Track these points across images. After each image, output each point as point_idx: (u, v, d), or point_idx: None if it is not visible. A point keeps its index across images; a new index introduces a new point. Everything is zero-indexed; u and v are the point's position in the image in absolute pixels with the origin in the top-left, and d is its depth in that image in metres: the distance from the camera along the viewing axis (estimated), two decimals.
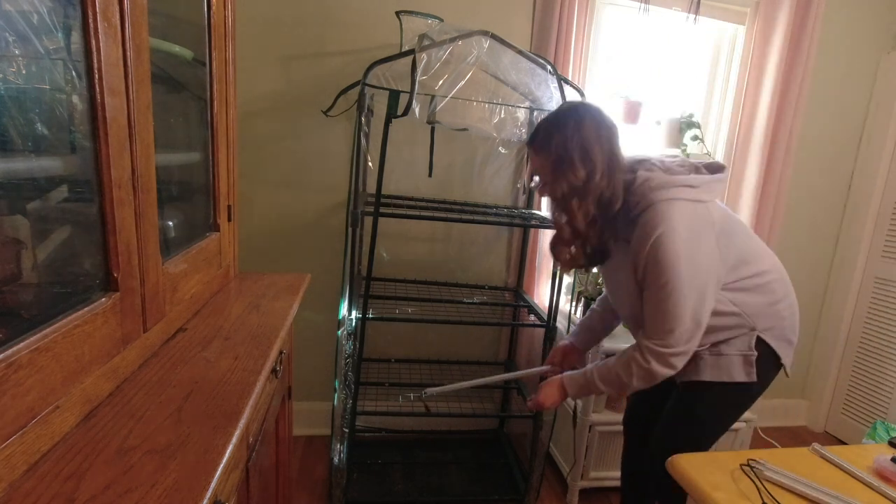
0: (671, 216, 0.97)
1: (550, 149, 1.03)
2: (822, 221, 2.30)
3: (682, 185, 1.00)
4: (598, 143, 1.01)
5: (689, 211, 0.99)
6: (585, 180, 1.01)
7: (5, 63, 0.52)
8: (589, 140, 1.01)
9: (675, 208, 0.98)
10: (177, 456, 0.56)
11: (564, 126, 1.03)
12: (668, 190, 0.99)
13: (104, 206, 0.63)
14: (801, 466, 0.91)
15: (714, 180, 1.03)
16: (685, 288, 0.96)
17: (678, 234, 0.96)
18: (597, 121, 1.03)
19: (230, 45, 1.10)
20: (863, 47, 2.14)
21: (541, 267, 1.94)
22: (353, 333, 1.54)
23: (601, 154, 1.01)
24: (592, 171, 1.00)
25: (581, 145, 1.00)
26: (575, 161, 1.01)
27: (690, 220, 0.98)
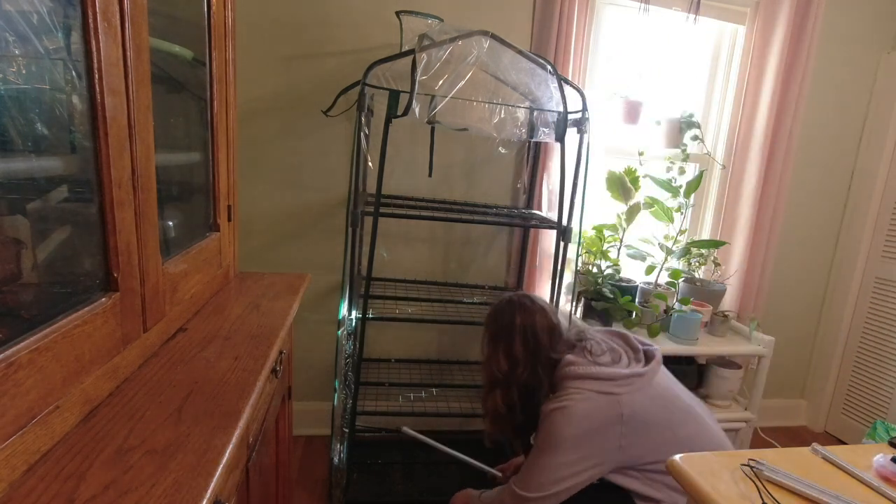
0: (573, 401, 1.05)
1: (484, 344, 1.20)
2: (822, 221, 2.30)
3: (598, 378, 1.07)
4: (522, 342, 1.13)
5: (593, 403, 1.06)
6: (507, 373, 1.14)
7: (5, 63, 0.52)
8: (512, 336, 1.14)
9: (581, 396, 1.05)
10: (177, 456, 0.56)
11: (494, 322, 1.18)
12: (584, 381, 1.07)
13: (104, 205, 0.63)
14: (801, 466, 0.91)
15: (634, 374, 1.09)
16: (554, 457, 1.05)
17: (572, 418, 1.04)
18: (524, 314, 1.15)
19: (230, 45, 1.10)
20: (863, 47, 2.14)
21: (541, 267, 1.94)
22: (353, 333, 1.54)
23: (523, 350, 1.13)
24: (515, 364, 1.13)
25: (506, 341, 1.14)
26: (500, 356, 1.15)
27: (591, 410, 1.05)
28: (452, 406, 2.00)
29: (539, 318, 1.15)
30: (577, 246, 1.78)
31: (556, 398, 1.08)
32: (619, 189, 1.88)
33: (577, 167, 1.52)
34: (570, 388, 1.08)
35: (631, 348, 1.16)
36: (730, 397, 1.91)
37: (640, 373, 1.09)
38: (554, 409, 1.06)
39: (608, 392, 1.06)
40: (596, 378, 1.07)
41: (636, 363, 1.12)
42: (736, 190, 2.09)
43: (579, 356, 1.13)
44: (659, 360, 1.13)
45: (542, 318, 1.16)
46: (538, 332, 1.14)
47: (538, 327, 1.14)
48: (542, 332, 1.14)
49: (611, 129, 2.04)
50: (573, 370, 1.09)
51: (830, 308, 2.38)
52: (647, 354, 1.15)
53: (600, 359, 1.12)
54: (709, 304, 1.92)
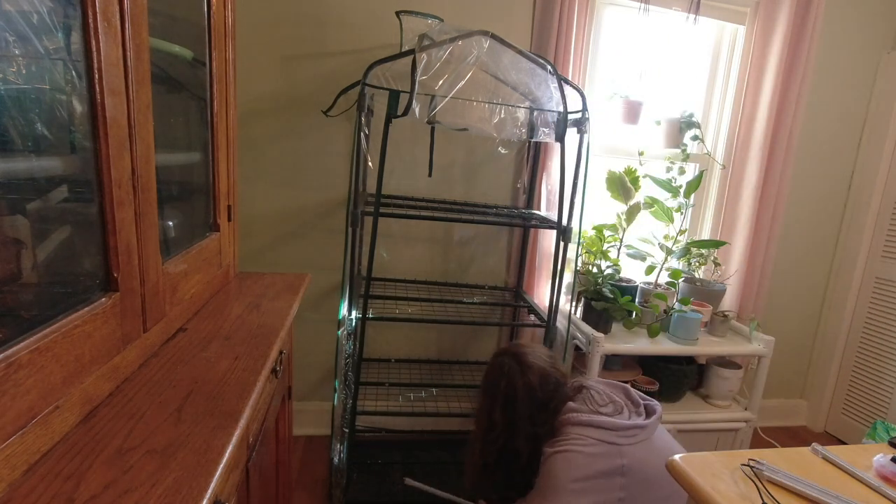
0: (575, 446, 1.05)
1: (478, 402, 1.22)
2: (822, 221, 2.30)
3: (600, 427, 1.07)
4: (501, 408, 1.14)
5: (595, 450, 1.05)
6: (485, 432, 1.16)
7: (5, 63, 0.52)
8: (495, 400, 1.15)
9: (582, 442, 1.06)
10: (177, 456, 0.56)
11: (484, 379, 1.21)
12: (586, 428, 1.07)
13: (104, 206, 0.63)
14: (801, 466, 0.91)
15: (636, 426, 1.09)
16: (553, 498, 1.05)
17: (573, 463, 1.04)
18: (510, 379, 1.15)
19: (230, 45, 1.10)
20: (863, 47, 2.14)
21: (541, 267, 1.94)
22: (353, 333, 1.54)
23: (501, 417, 1.14)
24: (491, 427, 1.15)
25: (489, 402, 1.16)
26: (483, 413, 1.18)
27: (593, 457, 1.05)
28: (452, 406, 2.00)
29: (522, 389, 1.14)
30: (577, 246, 1.78)
31: (557, 442, 1.08)
32: (619, 189, 1.88)
33: (577, 167, 1.52)
34: (572, 433, 1.07)
35: (632, 402, 1.17)
36: (730, 397, 1.91)
37: (641, 425, 1.09)
38: (555, 452, 1.06)
39: (610, 441, 1.06)
40: (598, 426, 1.07)
41: (637, 416, 1.12)
42: (736, 190, 2.09)
43: (581, 404, 1.13)
44: (659, 415, 1.14)
45: (527, 388, 1.14)
46: (518, 404, 1.13)
47: (520, 398, 1.13)
48: (523, 403, 1.13)
49: (611, 129, 2.04)
50: (575, 417, 1.09)
51: (830, 308, 2.38)
52: (648, 409, 1.15)
53: (602, 409, 1.12)
54: (709, 304, 1.92)
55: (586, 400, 1.14)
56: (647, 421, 1.11)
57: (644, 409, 1.15)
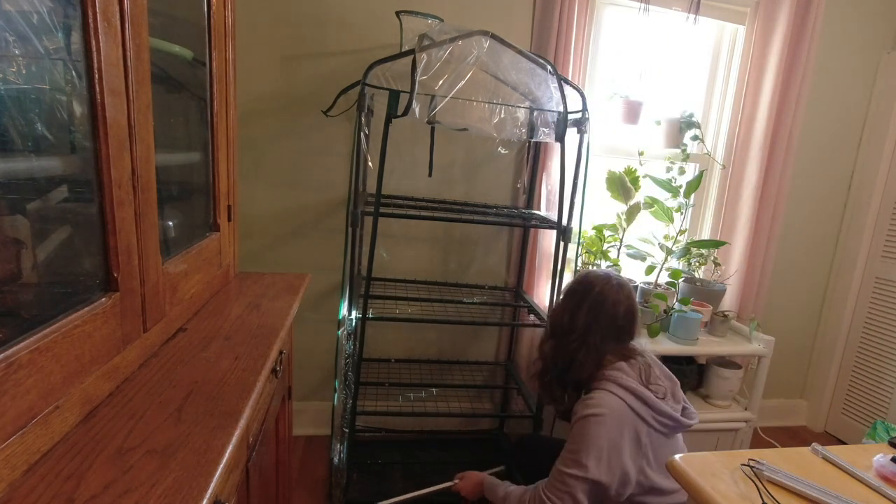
0: (608, 410, 1.05)
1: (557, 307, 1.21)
2: (822, 221, 2.30)
3: (642, 400, 1.08)
4: (587, 311, 1.15)
5: (627, 419, 1.06)
6: (563, 332, 1.17)
7: (5, 63, 0.52)
8: (582, 303, 1.15)
9: (617, 405, 1.06)
10: (177, 456, 0.56)
11: (579, 282, 1.19)
12: (628, 394, 1.07)
13: (104, 206, 0.63)
14: (801, 466, 0.91)
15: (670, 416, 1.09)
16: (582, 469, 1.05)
17: (603, 428, 1.04)
18: (606, 291, 1.14)
19: (230, 45, 1.10)
20: (863, 47, 2.14)
21: (541, 267, 1.94)
22: (353, 333, 1.54)
23: (584, 320, 1.14)
24: (571, 329, 1.15)
25: (576, 304, 1.16)
26: (565, 312, 1.17)
27: (622, 424, 1.06)
28: (452, 406, 2.00)
29: (611, 303, 1.14)
30: (577, 246, 1.78)
31: (592, 400, 1.07)
32: (619, 189, 1.88)
33: (577, 167, 1.52)
34: (611, 391, 1.07)
35: (674, 397, 1.16)
36: (730, 397, 1.91)
37: (677, 419, 1.10)
38: (588, 415, 1.05)
39: (642, 417, 1.07)
40: (640, 398, 1.07)
41: (672, 409, 1.13)
42: (736, 190, 2.09)
43: (634, 370, 1.12)
44: (692, 425, 1.14)
45: (615, 304, 1.14)
46: (602, 315, 1.13)
47: (606, 310, 1.13)
48: (605, 317, 1.13)
49: (611, 129, 2.04)
50: (622, 378, 1.09)
51: (830, 308, 2.38)
52: (686, 412, 1.15)
53: (652, 386, 1.12)
54: (709, 304, 1.92)
55: (642, 369, 1.13)
56: (683, 420, 1.11)
57: (682, 409, 1.15)
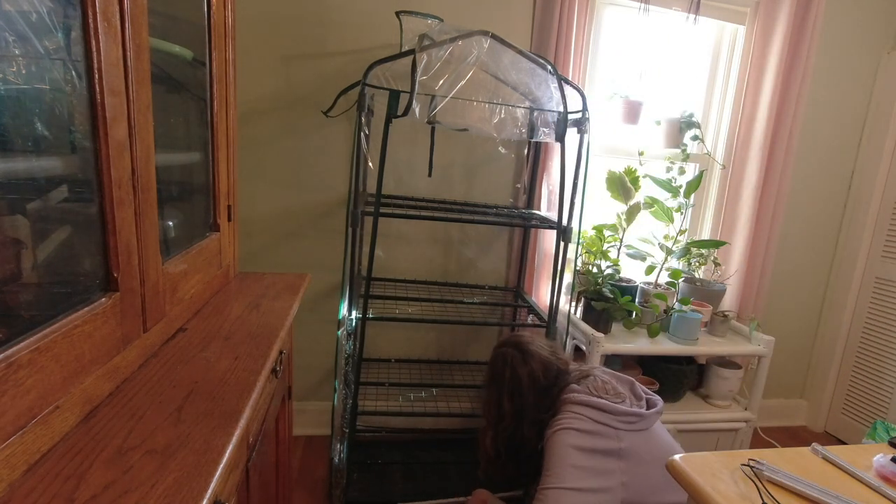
0: (573, 422, 1.08)
1: None
2: (822, 221, 2.30)
3: (599, 409, 1.09)
4: (508, 398, 1.18)
5: (593, 427, 1.08)
6: (495, 421, 1.20)
7: (5, 63, 0.52)
8: (501, 391, 1.19)
9: (581, 421, 1.08)
10: (177, 456, 0.56)
11: (489, 369, 1.24)
12: (584, 408, 1.10)
13: (104, 206, 0.63)
14: (801, 466, 0.91)
15: (634, 413, 1.10)
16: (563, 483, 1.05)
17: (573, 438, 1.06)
18: (514, 369, 1.19)
19: (230, 45, 1.10)
20: (863, 47, 2.14)
21: (541, 267, 1.94)
22: (353, 333, 1.54)
23: (510, 406, 1.18)
24: (501, 417, 1.18)
25: (497, 393, 1.20)
26: (491, 403, 1.21)
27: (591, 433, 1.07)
28: (452, 406, 2.00)
29: (526, 377, 1.18)
30: (577, 246, 1.78)
31: (557, 422, 1.10)
32: (619, 189, 1.88)
33: (577, 167, 1.52)
34: (570, 412, 1.10)
35: (634, 395, 1.18)
36: (730, 397, 1.91)
37: (639, 413, 1.11)
38: (554, 431, 1.08)
39: (606, 424, 1.08)
40: (596, 408, 1.09)
41: (637, 407, 1.14)
42: (736, 190, 2.09)
43: (583, 387, 1.15)
44: (660, 409, 1.16)
45: (531, 375, 1.18)
46: (524, 392, 1.17)
47: (525, 386, 1.17)
48: (528, 391, 1.17)
49: (611, 129, 2.04)
50: (575, 396, 1.12)
51: (830, 308, 2.38)
52: (650, 402, 1.17)
53: (604, 395, 1.14)
54: (709, 304, 1.92)
55: (589, 385, 1.16)
56: (647, 411, 1.12)
57: (646, 402, 1.17)
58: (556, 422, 1.10)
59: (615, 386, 1.18)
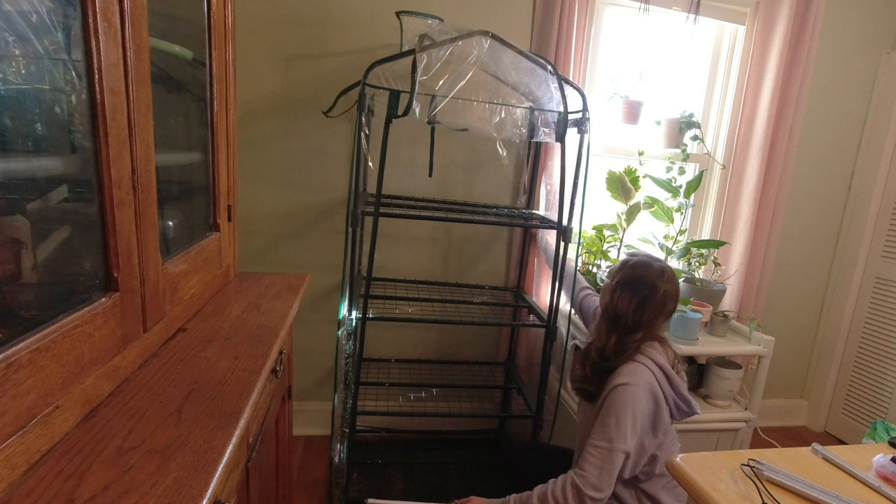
0: (639, 384, 1.10)
1: (614, 280, 1.22)
2: (822, 221, 2.30)
3: (670, 380, 1.14)
4: (653, 306, 1.18)
5: (654, 383, 1.12)
6: (628, 320, 1.18)
7: (5, 63, 0.52)
8: (648, 297, 1.18)
9: (645, 372, 1.12)
10: (177, 456, 0.56)
11: (637, 269, 1.21)
12: (660, 372, 1.13)
13: (104, 206, 0.63)
14: (801, 466, 0.91)
15: (689, 404, 1.15)
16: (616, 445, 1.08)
17: (635, 399, 1.09)
18: (667, 285, 1.19)
19: (230, 45, 1.10)
20: (863, 47, 2.14)
21: (541, 267, 1.94)
22: (353, 333, 1.54)
23: (649, 314, 1.17)
24: (638, 321, 1.17)
25: (640, 296, 1.18)
26: (632, 304, 1.18)
27: (650, 395, 1.11)
28: (452, 406, 2.00)
29: (673, 299, 1.19)
30: (577, 246, 1.78)
31: (625, 369, 1.12)
32: (619, 189, 1.88)
33: (577, 167, 1.52)
34: (644, 363, 1.12)
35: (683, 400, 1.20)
36: (730, 397, 1.91)
37: (690, 402, 1.16)
38: (620, 384, 1.10)
39: (666, 395, 1.12)
40: (668, 376, 1.13)
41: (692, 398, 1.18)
42: (736, 190, 2.08)
43: (666, 352, 1.18)
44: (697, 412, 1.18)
45: (675, 299, 1.20)
46: (666, 311, 1.19)
47: (670, 307, 1.19)
48: (667, 311, 1.19)
49: (611, 129, 2.04)
50: (655, 355, 1.14)
51: (830, 308, 2.37)
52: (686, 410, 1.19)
53: (680, 372, 1.18)
54: (709, 304, 1.92)
55: (672, 355, 1.19)
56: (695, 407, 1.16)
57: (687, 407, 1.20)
58: (625, 368, 1.12)
59: (681, 361, 1.22)
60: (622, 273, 1.22)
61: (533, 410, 1.67)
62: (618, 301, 1.19)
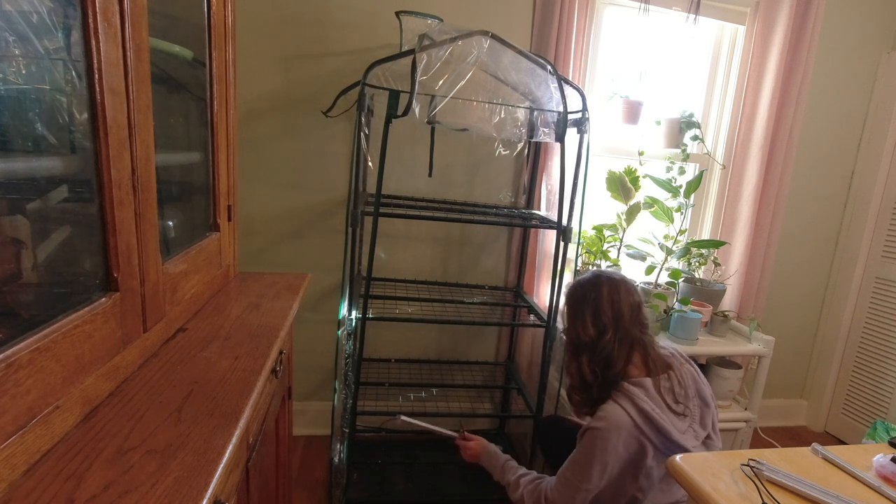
0: (614, 426, 1.05)
1: (566, 313, 1.20)
2: (822, 221, 2.30)
3: (653, 424, 1.06)
4: (610, 309, 1.14)
5: (630, 440, 1.06)
6: (594, 338, 1.14)
7: (5, 63, 0.52)
8: (599, 304, 1.14)
9: (625, 423, 1.06)
10: (177, 456, 0.56)
11: (578, 289, 1.19)
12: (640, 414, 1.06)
13: (104, 206, 0.63)
14: (801, 466, 0.91)
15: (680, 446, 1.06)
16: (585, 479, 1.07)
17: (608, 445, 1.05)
18: (611, 285, 1.16)
19: (230, 45, 1.10)
20: (863, 47, 2.14)
21: (541, 267, 1.94)
22: (353, 333, 1.54)
23: (611, 317, 1.13)
24: (603, 330, 1.13)
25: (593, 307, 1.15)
26: (587, 321, 1.15)
27: (625, 443, 1.06)
28: (452, 406, 2.00)
29: (624, 293, 1.15)
30: (577, 246, 1.78)
31: (601, 412, 1.08)
32: (619, 189, 1.88)
33: (577, 167, 1.52)
34: (621, 404, 1.07)
35: (701, 422, 1.13)
36: (730, 397, 1.91)
37: (686, 450, 1.06)
38: (591, 427, 1.07)
39: (649, 438, 1.06)
40: (650, 421, 1.06)
41: (694, 438, 1.10)
42: (736, 190, 2.08)
43: (655, 387, 1.10)
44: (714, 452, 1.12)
45: (627, 295, 1.16)
46: (622, 304, 1.14)
47: (623, 299, 1.14)
48: (625, 304, 1.14)
49: (611, 129, 2.04)
50: (637, 397, 1.07)
51: (830, 308, 2.37)
52: (708, 442, 1.13)
53: (674, 405, 1.10)
54: (709, 304, 1.92)
55: (662, 384, 1.11)
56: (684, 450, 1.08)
57: (706, 437, 1.12)
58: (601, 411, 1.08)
59: (689, 401, 1.12)
60: (565, 303, 1.21)
61: (533, 410, 1.67)
62: (572, 326, 1.18)
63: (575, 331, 1.17)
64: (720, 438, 1.15)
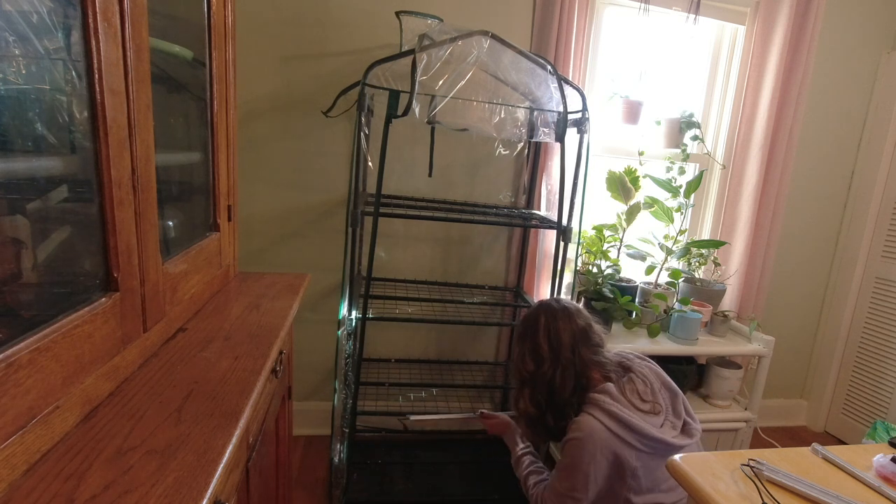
0: (592, 436, 1.06)
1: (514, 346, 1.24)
2: (822, 221, 2.30)
3: (626, 426, 1.06)
4: (545, 340, 1.16)
5: (609, 445, 1.07)
6: (533, 372, 1.16)
7: (5, 63, 0.52)
8: (536, 336, 1.17)
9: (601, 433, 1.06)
10: (177, 456, 0.56)
11: (522, 323, 1.23)
12: (611, 419, 1.07)
13: (104, 205, 0.63)
14: (801, 466, 0.91)
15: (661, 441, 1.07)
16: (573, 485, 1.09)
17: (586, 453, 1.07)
18: (548, 315, 1.18)
19: (230, 45, 1.10)
20: (863, 47, 2.14)
21: (541, 267, 1.94)
22: (353, 333, 1.54)
23: (548, 349, 1.15)
24: (540, 363, 1.15)
25: (531, 341, 1.18)
26: (526, 355, 1.18)
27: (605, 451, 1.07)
28: (452, 406, 2.00)
29: (563, 321, 1.17)
30: (577, 246, 1.78)
31: (575, 424, 1.09)
32: (619, 189, 1.88)
33: (577, 167, 1.52)
34: (593, 414, 1.08)
35: (674, 410, 1.14)
36: (730, 397, 1.91)
37: (670, 443, 1.07)
38: (570, 439, 1.08)
39: (626, 441, 1.06)
40: (622, 423, 1.06)
41: (671, 429, 1.10)
42: (736, 190, 2.09)
43: (619, 391, 1.11)
44: (696, 441, 1.12)
45: (567, 322, 1.17)
46: (560, 332, 1.15)
47: (561, 328, 1.16)
48: (564, 332, 1.15)
49: (611, 129, 2.04)
50: (605, 402, 1.08)
51: (830, 308, 2.37)
52: (686, 428, 1.13)
53: (641, 405, 1.10)
54: (709, 304, 1.92)
55: (626, 387, 1.12)
56: (681, 442, 1.09)
57: (683, 425, 1.13)
58: (575, 424, 1.09)
59: (655, 394, 1.13)
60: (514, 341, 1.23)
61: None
62: (514, 362, 1.20)
63: (516, 366, 1.21)
64: (697, 420, 1.16)
